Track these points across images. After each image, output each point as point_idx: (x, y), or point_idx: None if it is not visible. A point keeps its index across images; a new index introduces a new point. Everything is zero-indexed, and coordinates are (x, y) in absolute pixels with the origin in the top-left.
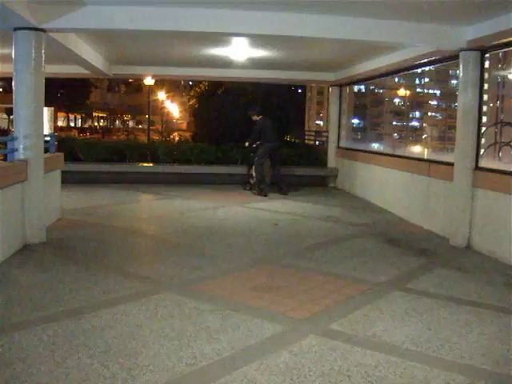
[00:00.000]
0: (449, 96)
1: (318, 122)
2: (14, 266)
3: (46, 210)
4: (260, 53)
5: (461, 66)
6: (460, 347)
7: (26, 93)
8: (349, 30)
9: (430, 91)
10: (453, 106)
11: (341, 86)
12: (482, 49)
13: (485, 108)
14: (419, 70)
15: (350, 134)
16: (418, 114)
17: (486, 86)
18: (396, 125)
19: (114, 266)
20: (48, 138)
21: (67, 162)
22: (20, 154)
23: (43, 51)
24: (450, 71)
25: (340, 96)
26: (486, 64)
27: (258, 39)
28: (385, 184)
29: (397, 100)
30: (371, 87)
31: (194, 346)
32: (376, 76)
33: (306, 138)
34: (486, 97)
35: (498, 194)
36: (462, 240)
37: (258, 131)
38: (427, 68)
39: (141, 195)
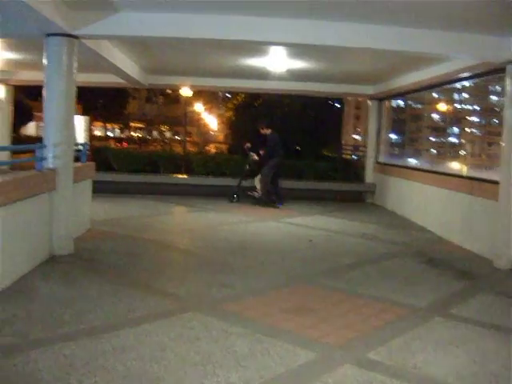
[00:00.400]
0: (488, 112)
1: (355, 136)
2: (39, 277)
3: (74, 220)
4: (298, 64)
5: (507, 80)
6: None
7: (57, 100)
8: (390, 40)
9: (469, 107)
10: (492, 122)
11: (379, 99)
12: None
13: None
14: (458, 85)
15: (389, 149)
16: (456, 129)
17: None
18: (435, 141)
19: (141, 282)
20: (80, 147)
21: (100, 172)
22: (49, 163)
23: (75, 58)
24: (490, 87)
25: (379, 110)
26: None
27: (295, 49)
28: (424, 201)
29: (435, 115)
30: (410, 101)
31: (220, 374)
32: (416, 90)
33: (343, 152)
34: None
35: None
36: (506, 262)
37: (273, 145)
38: (467, 83)
39: (173, 207)
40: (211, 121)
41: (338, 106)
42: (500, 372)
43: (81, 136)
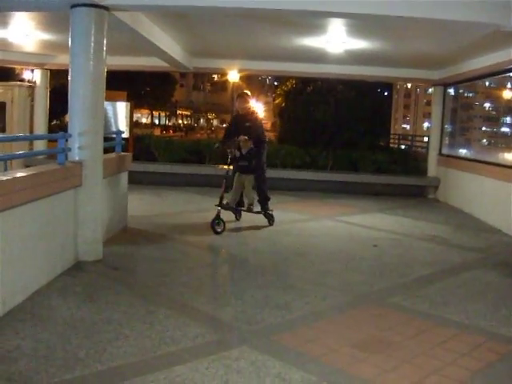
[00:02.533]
0: None
1: (404, 125)
2: (56, 292)
3: (106, 219)
4: (357, 44)
5: None
6: None
7: (84, 82)
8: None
9: None
10: None
11: (445, 85)
12: None
13: None
14: None
15: (455, 140)
16: None
17: None
18: (508, 132)
19: (178, 300)
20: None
21: (141, 162)
22: (75, 155)
23: (105, 33)
24: None
25: (444, 97)
26: None
27: (356, 25)
28: (498, 199)
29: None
30: (480, 88)
31: None
32: (490, 74)
33: (391, 141)
34: None
35: None
36: None
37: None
38: None
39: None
40: (258, 109)
41: (386, 93)
42: None
43: (122, 123)
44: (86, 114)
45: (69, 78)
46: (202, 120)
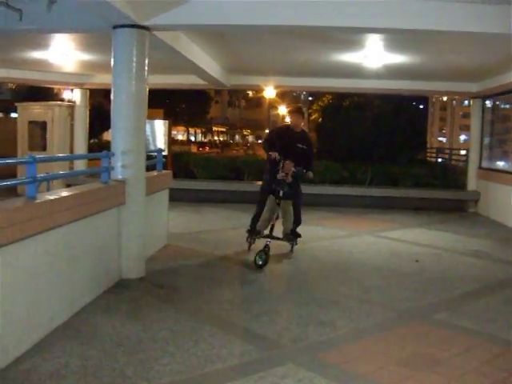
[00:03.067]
0: None
1: (440, 138)
2: (101, 310)
3: (148, 237)
4: (395, 58)
5: None
6: None
7: (126, 101)
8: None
9: None
10: None
11: (483, 98)
12: None
13: None
14: None
15: (495, 153)
16: None
17: None
18: None
19: (223, 317)
20: (155, 154)
21: (180, 179)
22: (118, 174)
23: (146, 53)
24: None
25: (483, 110)
26: None
27: (394, 41)
28: None
29: None
30: None
31: None
32: None
33: (428, 155)
34: None
35: None
36: None
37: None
38: None
39: None
40: None
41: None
42: None
43: (160, 141)
44: (129, 132)
45: (111, 98)
46: (237, 136)
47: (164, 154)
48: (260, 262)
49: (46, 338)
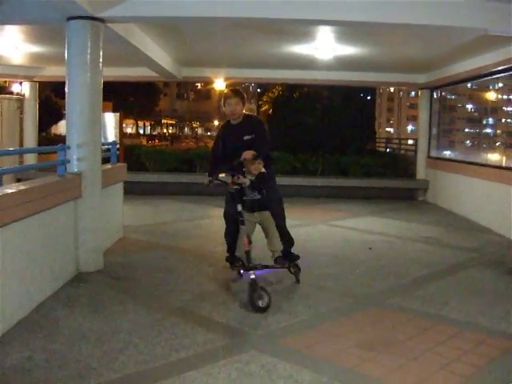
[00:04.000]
0: None
1: (388, 129)
2: (62, 304)
3: (104, 230)
4: (346, 50)
5: None
6: None
7: (81, 94)
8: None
9: None
10: None
11: (431, 89)
12: None
13: None
14: None
15: (442, 143)
16: None
17: None
18: (493, 132)
19: (183, 307)
20: (109, 147)
21: (132, 172)
22: (73, 167)
23: (101, 45)
24: None
25: (430, 100)
26: None
27: (345, 33)
28: (488, 200)
29: (492, 104)
30: (465, 90)
31: None
32: (474, 77)
33: (377, 145)
34: None
35: None
36: None
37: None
38: None
39: (212, 210)
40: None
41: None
42: None
43: (111, 134)
44: (84, 125)
45: (66, 90)
46: (186, 129)
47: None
48: (262, 304)
49: (7, 332)
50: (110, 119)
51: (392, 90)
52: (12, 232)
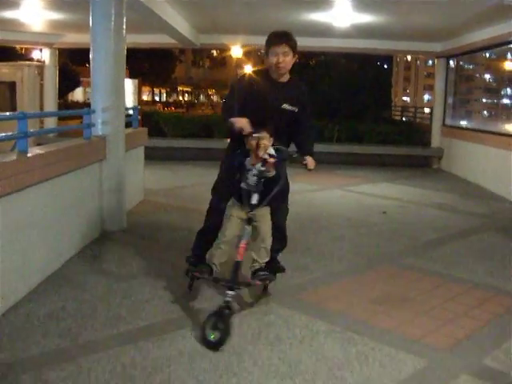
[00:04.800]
0: None
1: (404, 98)
2: (90, 260)
3: (127, 192)
4: (363, 18)
5: None
6: None
7: (105, 60)
8: None
9: None
10: None
11: (447, 58)
12: None
13: None
14: None
15: (459, 112)
16: None
17: None
18: (509, 102)
19: None
20: (131, 112)
21: (151, 138)
22: (98, 130)
23: (124, 12)
24: None
25: (447, 69)
26: None
27: (362, 1)
28: (501, 168)
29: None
30: (480, 59)
31: None
32: (491, 46)
33: (393, 114)
34: None
35: None
36: None
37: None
38: None
39: None
40: None
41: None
42: None
43: (130, 100)
44: (109, 90)
45: (90, 57)
46: (202, 96)
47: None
48: (213, 338)
49: (39, 285)
50: (129, 85)
51: (409, 58)
52: (42, 191)
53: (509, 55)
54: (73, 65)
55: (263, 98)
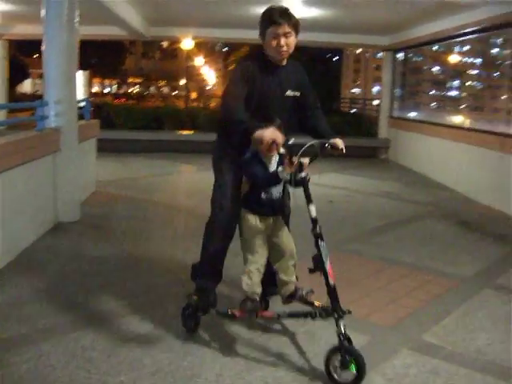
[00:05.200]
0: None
1: (354, 89)
2: (45, 250)
3: (80, 183)
4: (312, 12)
5: None
6: None
7: (58, 53)
8: None
9: (475, 60)
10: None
11: (394, 51)
12: None
13: None
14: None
15: (408, 104)
16: (479, 84)
17: None
18: (457, 94)
19: (159, 251)
20: (82, 104)
21: (103, 130)
22: (51, 122)
23: (76, 4)
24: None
25: (394, 62)
26: None
27: None
28: (446, 158)
29: (458, 67)
30: (427, 52)
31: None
32: (436, 41)
33: (342, 105)
34: None
35: None
36: None
37: None
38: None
39: (181, 166)
40: (210, 75)
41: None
42: None
43: (81, 92)
44: (62, 82)
45: (42, 49)
46: (152, 88)
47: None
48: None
49: None
50: (80, 77)
51: (359, 51)
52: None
53: (456, 49)
54: (21, 56)
55: (267, 89)
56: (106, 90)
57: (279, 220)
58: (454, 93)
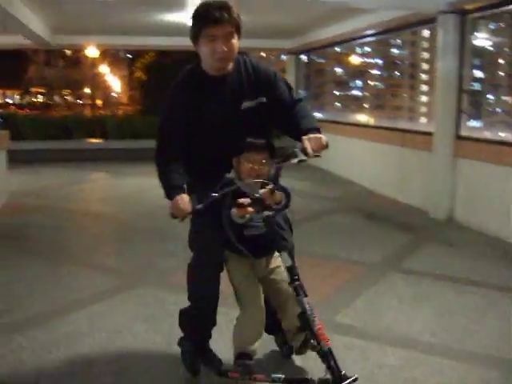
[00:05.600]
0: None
1: None
2: None
3: None
4: None
5: (440, 30)
6: (480, 335)
7: None
8: None
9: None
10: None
11: (297, 53)
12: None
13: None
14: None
15: (313, 105)
16: (380, 83)
17: None
18: (360, 94)
19: (77, 258)
20: None
21: (11, 141)
22: None
23: None
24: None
25: (298, 64)
26: None
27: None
28: (352, 155)
29: (361, 67)
30: (331, 54)
31: None
32: (337, 43)
33: None
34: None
35: (483, 164)
36: (443, 213)
37: None
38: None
39: (91, 174)
40: (115, 83)
41: None
42: (469, 324)
43: None
44: None
45: None
46: (57, 97)
47: None
48: None
49: None
50: None
51: (264, 54)
52: None
53: (358, 50)
54: None
55: (212, 112)
56: (10, 101)
57: (276, 259)
58: (357, 92)
